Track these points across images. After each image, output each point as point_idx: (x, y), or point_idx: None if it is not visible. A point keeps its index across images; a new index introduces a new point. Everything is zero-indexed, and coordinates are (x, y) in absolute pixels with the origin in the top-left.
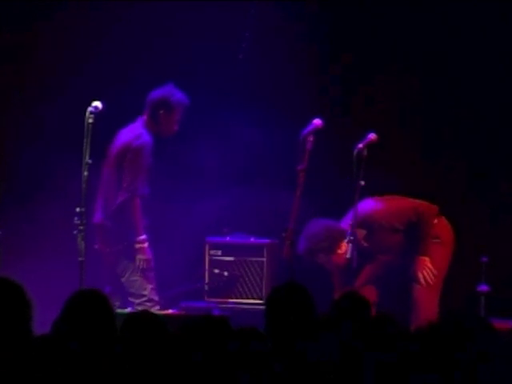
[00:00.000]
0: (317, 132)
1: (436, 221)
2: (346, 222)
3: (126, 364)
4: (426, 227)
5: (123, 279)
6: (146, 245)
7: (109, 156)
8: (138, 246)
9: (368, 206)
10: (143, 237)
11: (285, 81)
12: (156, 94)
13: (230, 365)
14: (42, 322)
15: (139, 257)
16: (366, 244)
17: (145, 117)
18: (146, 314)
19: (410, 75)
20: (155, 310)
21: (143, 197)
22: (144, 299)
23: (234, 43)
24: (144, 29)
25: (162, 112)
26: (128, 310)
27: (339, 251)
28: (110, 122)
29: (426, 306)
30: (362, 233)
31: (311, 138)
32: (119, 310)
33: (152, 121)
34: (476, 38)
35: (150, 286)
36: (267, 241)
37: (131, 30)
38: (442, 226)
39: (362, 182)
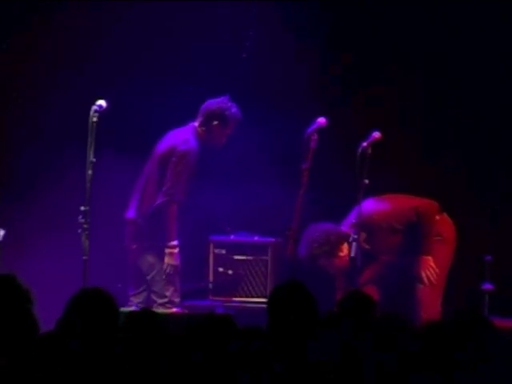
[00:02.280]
0: (321, 130)
1: (438, 217)
2: (347, 224)
3: (125, 363)
4: (427, 226)
5: (148, 277)
6: (176, 250)
7: (153, 155)
8: (168, 250)
9: (367, 207)
10: (175, 242)
11: (285, 80)
12: (213, 104)
13: (230, 364)
14: (45, 320)
15: (168, 261)
16: (367, 246)
17: (196, 124)
18: (146, 312)
19: (410, 75)
20: (173, 311)
21: (180, 203)
22: (166, 300)
23: (234, 43)
24: (144, 29)
25: (216, 123)
26: (132, 308)
27: (341, 254)
28: (110, 122)
29: (429, 305)
30: (362, 235)
31: (315, 137)
32: (123, 309)
33: (203, 129)
34: (476, 37)
35: (172, 288)
36: (271, 239)
37: (131, 30)
38: (443, 223)
39: (366, 181)
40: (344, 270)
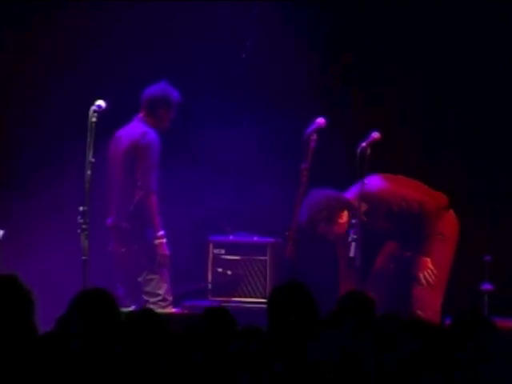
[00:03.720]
0: (320, 131)
1: (443, 214)
2: (350, 194)
3: (126, 363)
4: (429, 226)
5: (140, 279)
6: (164, 240)
7: (114, 158)
8: (157, 241)
9: (374, 181)
10: (162, 232)
11: (285, 80)
12: (154, 91)
13: (230, 365)
14: (45, 320)
15: (160, 252)
16: (365, 219)
17: (142, 114)
18: (146, 312)
19: (410, 75)
20: (168, 309)
21: (157, 192)
22: (159, 298)
23: (234, 43)
24: (144, 29)
25: (162, 110)
26: (132, 308)
27: (340, 221)
28: (110, 122)
29: (428, 306)
30: (364, 206)
31: (314, 137)
32: (124, 309)
33: (152, 118)
34: (476, 37)
35: (165, 286)
36: (270, 240)
37: (131, 30)
38: (447, 221)
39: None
40: (342, 237)
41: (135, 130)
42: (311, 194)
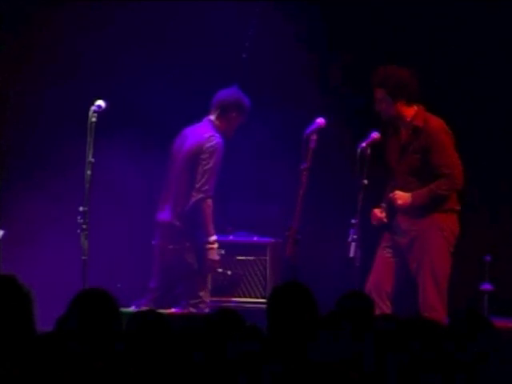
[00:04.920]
0: (320, 131)
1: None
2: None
3: (128, 362)
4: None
5: (182, 278)
6: (215, 246)
7: (177, 156)
8: (209, 246)
9: (438, 122)
10: (214, 238)
11: (285, 80)
12: (228, 94)
13: (229, 365)
14: (45, 320)
15: (210, 257)
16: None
17: (212, 117)
18: (151, 312)
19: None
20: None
21: (213, 198)
22: (199, 300)
23: (234, 43)
24: (143, 29)
25: (234, 114)
26: (132, 308)
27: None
28: (110, 122)
29: (433, 310)
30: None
31: (314, 137)
32: (124, 309)
33: (223, 121)
34: (476, 37)
35: (206, 289)
36: (270, 240)
37: (131, 30)
38: (449, 220)
39: (365, 181)
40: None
41: (203, 131)
42: None
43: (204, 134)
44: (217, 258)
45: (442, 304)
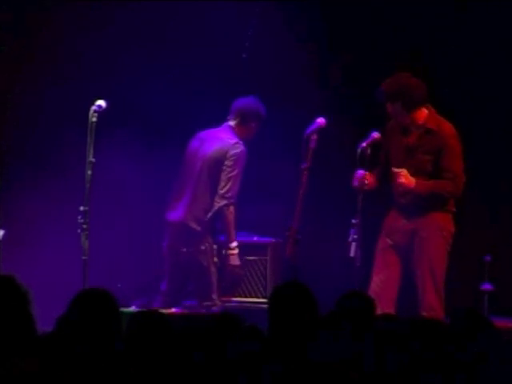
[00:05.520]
0: (320, 131)
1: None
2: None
3: (128, 362)
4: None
5: (196, 279)
6: (236, 251)
7: (193, 158)
8: (230, 251)
9: (450, 127)
10: (235, 243)
11: (285, 80)
12: (249, 104)
13: (230, 365)
14: (45, 320)
15: (232, 263)
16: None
17: (232, 123)
18: (151, 312)
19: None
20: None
21: (236, 204)
22: (211, 302)
23: (234, 43)
24: (143, 29)
25: (254, 124)
26: (132, 308)
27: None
28: (110, 122)
29: (432, 311)
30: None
31: (315, 137)
32: (124, 309)
33: (243, 128)
34: (476, 38)
35: (218, 291)
36: (271, 240)
37: (131, 30)
38: (448, 220)
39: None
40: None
41: (227, 137)
42: None
43: (229, 139)
44: (238, 263)
45: (440, 303)
